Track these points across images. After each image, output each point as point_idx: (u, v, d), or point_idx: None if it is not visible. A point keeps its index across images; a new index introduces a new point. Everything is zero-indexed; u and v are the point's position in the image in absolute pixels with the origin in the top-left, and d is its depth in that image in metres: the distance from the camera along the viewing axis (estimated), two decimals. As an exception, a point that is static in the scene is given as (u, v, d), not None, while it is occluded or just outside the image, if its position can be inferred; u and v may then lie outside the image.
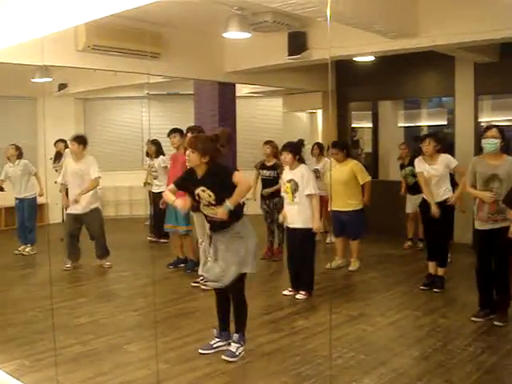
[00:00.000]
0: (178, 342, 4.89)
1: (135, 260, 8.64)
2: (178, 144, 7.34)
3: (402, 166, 8.59)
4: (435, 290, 6.32)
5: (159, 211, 7.94)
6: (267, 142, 8.03)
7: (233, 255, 4.43)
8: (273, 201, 7.84)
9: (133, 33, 6.89)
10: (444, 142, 6.86)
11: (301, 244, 6.22)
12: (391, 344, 4.85)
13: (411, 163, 7.39)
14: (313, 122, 13.84)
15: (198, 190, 4.42)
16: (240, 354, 4.48)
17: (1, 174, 8.81)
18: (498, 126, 5.30)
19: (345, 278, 7.18)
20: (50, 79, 10.12)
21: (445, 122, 11.50)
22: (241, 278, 4.51)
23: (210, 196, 4.37)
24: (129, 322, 5.51)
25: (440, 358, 4.46)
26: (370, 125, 11.40)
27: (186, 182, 4.55)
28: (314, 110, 13.36)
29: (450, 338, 4.94)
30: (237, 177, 4.37)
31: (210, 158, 4.39)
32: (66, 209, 7.89)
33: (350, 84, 10.38)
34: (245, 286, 4.59)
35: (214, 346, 4.62)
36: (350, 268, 7.42)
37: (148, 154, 9.65)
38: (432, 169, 6.24)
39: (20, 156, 8.73)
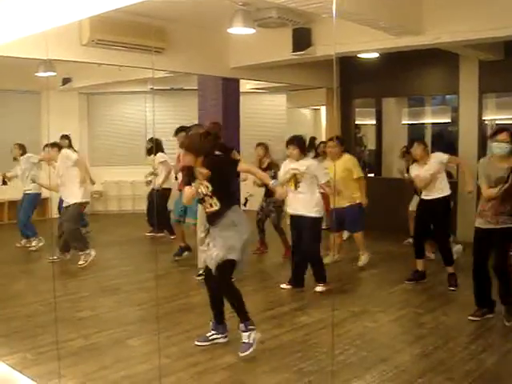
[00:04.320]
0: (179, 336, 4.90)
1: (137, 255, 8.67)
2: None
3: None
4: (451, 288, 6.32)
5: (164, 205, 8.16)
6: (259, 144, 8.01)
7: (223, 240, 4.48)
8: (271, 199, 7.77)
9: (137, 27, 6.88)
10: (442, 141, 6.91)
11: (306, 232, 6.19)
12: (393, 341, 4.85)
13: None
14: (316, 119, 13.83)
15: (195, 183, 4.55)
16: (254, 339, 4.45)
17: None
18: (508, 129, 5.25)
19: (347, 275, 7.17)
20: (54, 73, 10.13)
21: (449, 120, 11.48)
22: (228, 266, 4.49)
23: (207, 188, 4.50)
24: (131, 317, 5.53)
25: (441, 356, 4.47)
26: (374, 122, 11.39)
27: (189, 177, 4.66)
28: (318, 107, 13.35)
29: (452, 335, 4.94)
30: (243, 167, 4.63)
31: (205, 156, 4.51)
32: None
33: (354, 81, 10.36)
34: (231, 274, 4.57)
35: (210, 338, 4.69)
36: (359, 263, 7.41)
37: (149, 152, 9.65)
38: (425, 170, 6.37)
39: (23, 153, 8.76)
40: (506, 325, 5.10)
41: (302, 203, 6.19)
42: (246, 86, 11.29)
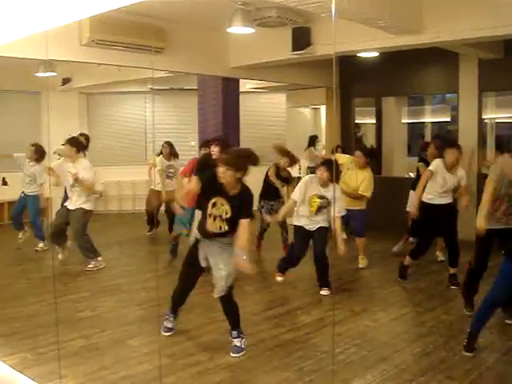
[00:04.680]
0: (180, 336, 4.90)
1: (138, 254, 8.67)
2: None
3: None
4: (453, 287, 6.31)
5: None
6: (288, 155, 7.77)
7: (227, 259, 4.47)
8: (279, 201, 7.87)
9: (137, 27, 6.88)
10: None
11: (317, 238, 6.29)
12: (393, 340, 4.86)
13: None
14: (316, 118, 13.83)
15: (217, 200, 4.42)
16: (245, 345, 4.57)
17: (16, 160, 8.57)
18: None
19: (347, 274, 7.17)
20: (54, 73, 10.13)
21: (448, 119, 11.49)
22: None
23: (226, 213, 4.40)
24: (131, 317, 5.53)
25: (442, 355, 4.47)
26: (374, 121, 11.39)
27: (208, 184, 4.46)
28: (318, 106, 13.35)
29: (452, 334, 4.94)
30: (246, 222, 4.41)
31: (243, 173, 4.39)
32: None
33: (354, 80, 10.35)
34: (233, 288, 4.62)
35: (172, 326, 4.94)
36: (360, 265, 7.41)
37: (163, 155, 9.53)
38: (452, 178, 6.36)
39: (40, 158, 8.45)
40: (506, 323, 5.10)
41: (316, 223, 6.30)
42: (245, 85, 11.28)
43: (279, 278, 6.63)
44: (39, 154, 8.45)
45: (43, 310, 5.63)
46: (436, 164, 6.38)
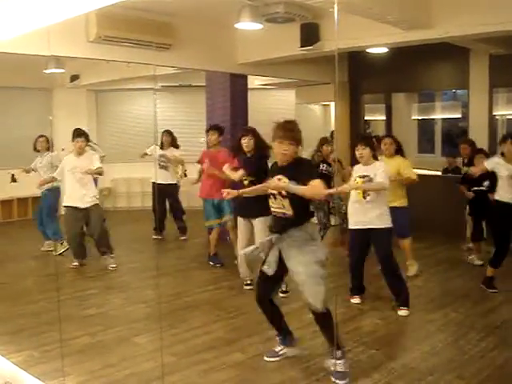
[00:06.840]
0: (186, 334, 4.88)
1: (145, 252, 8.65)
2: (217, 142, 7.46)
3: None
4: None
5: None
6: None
7: (311, 259, 3.95)
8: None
9: (144, 24, 6.85)
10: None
11: (382, 247, 5.55)
12: (402, 338, 4.82)
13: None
14: (326, 115, 13.75)
15: (274, 178, 4.08)
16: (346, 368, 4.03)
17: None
18: None
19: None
20: (63, 70, 10.13)
21: (459, 115, 11.37)
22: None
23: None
24: (137, 314, 5.51)
25: (451, 353, 4.42)
26: (384, 117, 11.30)
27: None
28: (327, 102, 13.27)
29: (462, 332, 4.88)
30: (316, 182, 3.90)
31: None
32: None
33: (363, 76, 10.29)
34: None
35: (280, 353, 4.41)
36: (408, 274, 6.57)
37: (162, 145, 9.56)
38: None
39: (49, 148, 8.42)
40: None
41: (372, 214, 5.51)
42: (254, 81, 11.23)
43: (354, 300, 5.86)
44: (49, 142, 8.54)
45: (49, 307, 5.62)
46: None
